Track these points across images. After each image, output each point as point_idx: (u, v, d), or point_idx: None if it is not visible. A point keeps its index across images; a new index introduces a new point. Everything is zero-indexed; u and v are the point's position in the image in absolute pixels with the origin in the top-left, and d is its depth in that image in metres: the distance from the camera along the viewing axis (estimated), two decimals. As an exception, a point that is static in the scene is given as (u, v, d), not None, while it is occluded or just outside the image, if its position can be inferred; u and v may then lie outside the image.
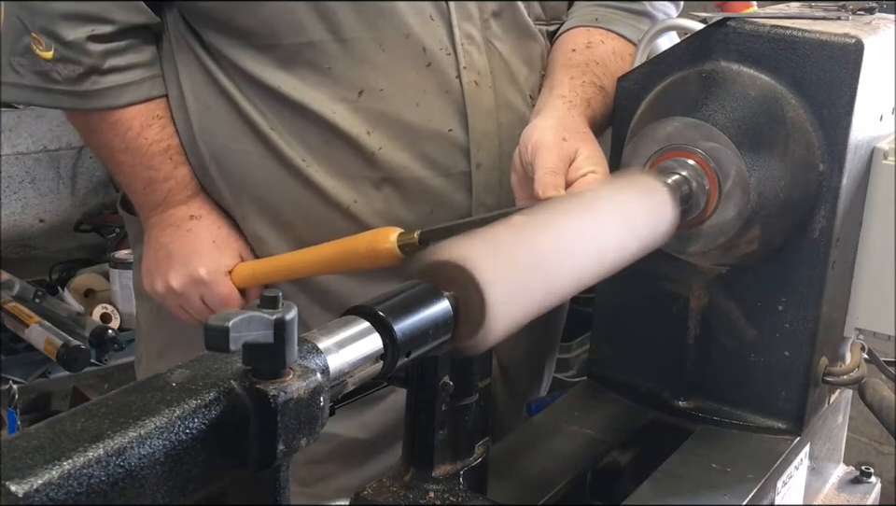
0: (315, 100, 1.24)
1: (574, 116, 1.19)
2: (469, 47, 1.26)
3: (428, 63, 1.24)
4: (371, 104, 1.24)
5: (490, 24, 1.28)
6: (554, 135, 1.15)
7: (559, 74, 1.28)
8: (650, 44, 1.24)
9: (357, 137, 1.24)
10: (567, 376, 2.93)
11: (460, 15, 1.25)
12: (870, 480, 1.34)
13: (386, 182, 1.26)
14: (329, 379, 0.68)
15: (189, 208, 1.33)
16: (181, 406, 0.60)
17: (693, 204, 1.02)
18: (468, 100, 1.26)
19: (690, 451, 1.09)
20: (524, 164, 1.16)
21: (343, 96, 1.24)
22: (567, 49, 1.32)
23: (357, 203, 1.26)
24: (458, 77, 1.25)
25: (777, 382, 1.13)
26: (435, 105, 1.25)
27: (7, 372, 2.71)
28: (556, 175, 1.10)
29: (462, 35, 1.25)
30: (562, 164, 1.12)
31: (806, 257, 1.09)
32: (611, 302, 1.23)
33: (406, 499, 0.89)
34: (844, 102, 1.04)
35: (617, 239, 0.91)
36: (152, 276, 1.35)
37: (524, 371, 1.46)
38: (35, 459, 0.53)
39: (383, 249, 1.17)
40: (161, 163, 1.31)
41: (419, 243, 1.16)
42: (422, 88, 1.24)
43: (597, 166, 1.13)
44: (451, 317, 0.76)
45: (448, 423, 0.90)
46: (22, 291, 2.84)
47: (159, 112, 1.30)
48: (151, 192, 1.32)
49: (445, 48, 1.25)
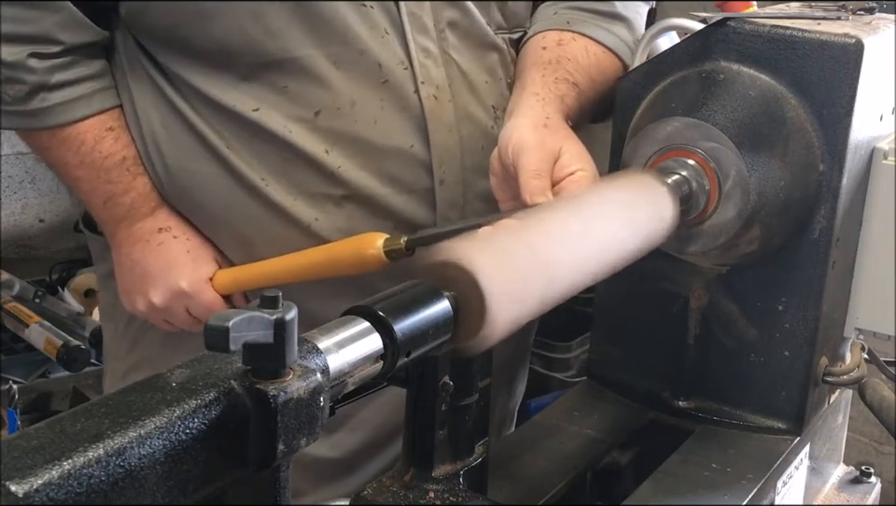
0: (271, 120, 1.21)
1: (550, 113, 1.17)
2: (426, 60, 1.23)
3: (385, 79, 1.21)
4: (329, 122, 1.21)
5: (446, 36, 1.25)
6: (534, 134, 1.12)
7: (530, 72, 1.26)
8: (650, 44, 1.24)
9: (316, 156, 1.22)
10: (566, 376, 2.93)
11: (415, 28, 1.22)
12: (870, 480, 1.34)
13: (348, 200, 1.24)
14: (329, 379, 0.68)
15: (155, 220, 1.30)
16: (181, 406, 0.60)
17: (692, 204, 1.02)
18: (427, 115, 1.23)
19: (690, 451, 1.09)
20: (504, 166, 1.14)
21: (299, 115, 1.21)
22: (538, 48, 1.29)
23: (319, 221, 1.24)
24: (416, 91, 1.23)
25: (777, 382, 1.13)
26: (394, 121, 1.23)
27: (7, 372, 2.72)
28: (542, 178, 1.08)
29: (418, 48, 1.23)
30: (546, 165, 1.10)
31: (806, 257, 1.09)
32: (611, 302, 1.23)
33: (406, 499, 0.89)
34: (844, 102, 1.04)
35: (617, 239, 0.91)
36: (131, 295, 1.32)
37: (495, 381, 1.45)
38: (35, 459, 0.53)
39: (368, 255, 1.15)
40: (119, 176, 1.27)
41: (406, 249, 1.14)
42: (380, 104, 1.22)
43: (583, 163, 1.11)
44: (451, 317, 0.76)
45: (448, 423, 0.90)
46: (22, 291, 2.85)
47: (111, 123, 1.27)
48: (113, 207, 1.29)
49: (402, 62, 1.22)
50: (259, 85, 1.21)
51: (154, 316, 1.32)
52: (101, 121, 1.26)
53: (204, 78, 1.22)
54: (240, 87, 1.21)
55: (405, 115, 1.23)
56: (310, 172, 1.22)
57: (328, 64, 1.20)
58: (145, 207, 1.29)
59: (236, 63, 1.21)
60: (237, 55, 1.20)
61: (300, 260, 1.22)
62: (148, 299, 1.30)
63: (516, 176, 1.10)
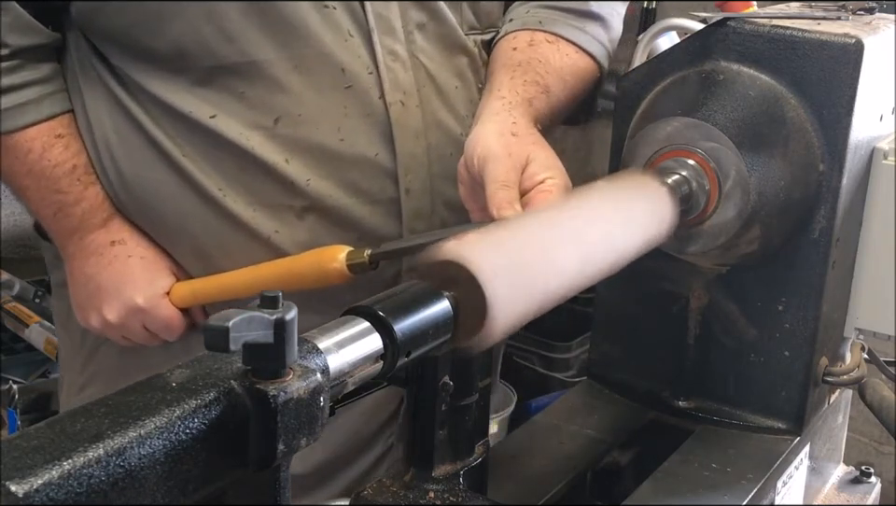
0: (228, 127, 1.16)
1: (516, 117, 1.12)
2: (393, 64, 1.18)
3: (349, 84, 1.16)
4: (289, 130, 1.16)
5: (415, 38, 1.20)
6: (500, 142, 1.08)
7: (499, 74, 1.21)
8: (650, 44, 1.24)
9: (275, 166, 1.17)
10: (566, 376, 2.93)
11: (381, 30, 1.17)
12: (870, 480, 1.34)
13: (310, 211, 1.19)
14: (329, 379, 0.68)
15: (108, 233, 1.24)
16: (181, 406, 0.60)
17: (692, 204, 1.02)
18: (393, 122, 1.18)
19: (690, 451, 1.09)
20: (471, 175, 1.09)
21: (258, 123, 1.16)
22: (508, 49, 1.24)
23: (280, 234, 1.19)
24: (382, 97, 1.17)
25: (777, 382, 1.13)
26: (358, 128, 1.17)
27: (7, 372, 2.72)
28: (509, 189, 1.03)
29: (384, 51, 1.17)
30: (513, 174, 1.05)
31: (806, 257, 1.09)
32: (611, 302, 1.23)
33: (406, 499, 0.89)
34: (844, 102, 1.04)
35: (617, 239, 0.91)
36: (85, 311, 1.27)
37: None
38: (35, 459, 0.53)
39: (330, 269, 1.11)
40: (69, 186, 1.22)
41: (370, 262, 1.11)
42: (343, 111, 1.16)
43: (553, 171, 1.07)
44: (451, 317, 0.76)
45: (448, 423, 0.90)
46: (22, 291, 2.85)
47: (60, 130, 1.21)
48: (63, 218, 1.23)
49: (367, 67, 1.17)
50: (215, 90, 1.16)
51: (109, 332, 1.27)
52: (50, 128, 1.20)
53: (159, 83, 1.17)
54: (196, 92, 1.16)
55: (370, 122, 1.18)
56: (269, 182, 1.18)
57: (287, 69, 1.15)
58: (97, 219, 1.24)
59: (192, 66, 1.15)
60: (192, 59, 1.15)
61: (260, 273, 1.18)
62: (102, 315, 1.25)
63: (483, 186, 1.06)
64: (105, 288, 1.24)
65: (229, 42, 1.13)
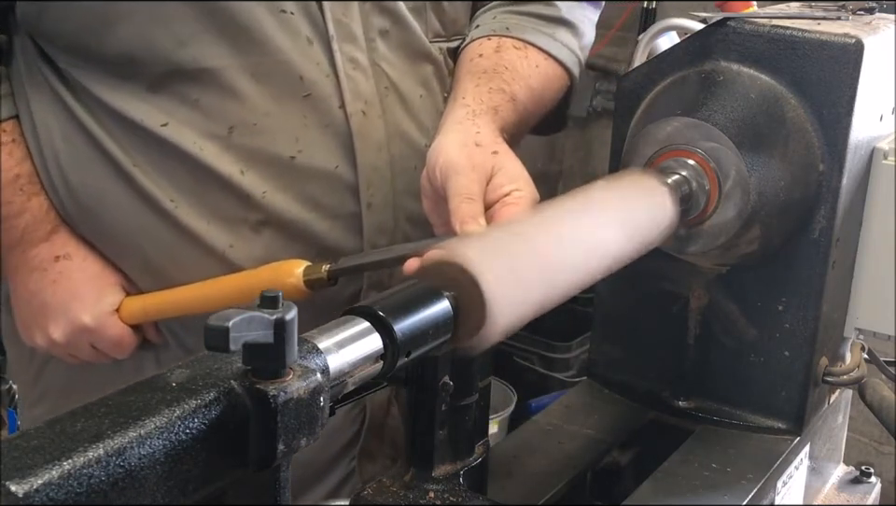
0: (181, 136, 1.10)
1: (481, 126, 1.07)
2: (354, 72, 1.12)
3: (307, 92, 1.10)
4: (245, 140, 1.10)
5: (377, 45, 1.14)
6: (462, 153, 1.02)
7: (463, 82, 1.16)
8: (650, 44, 1.24)
9: (230, 177, 1.11)
10: (567, 376, 2.94)
11: (341, 36, 1.11)
12: (870, 480, 1.34)
13: (266, 225, 1.13)
14: (329, 379, 0.68)
15: (52, 247, 1.17)
16: (181, 406, 0.60)
17: (693, 204, 1.02)
18: (354, 133, 1.12)
19: (690, 451, 1.09)
20: (434, 188, 1.04)
21: (212, 132, 1.10)
22: (474, 55, 1.19)
23: (234, 249, 1.13)
24: (342, 107, 1.12)
25: (777, 382, 1.13)
26: (317, 139, 1.12)
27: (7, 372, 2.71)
28: (472, 202, 0.98)
29: (345, 58, 1.12)
30: (477, 187, 1.00)
31: (806, 257, 1.09)
32: (611, 302, 1.23)
33: (406, 499, 0.89)
34: (844, 102, 1.04)
35: (617, 239, 0.91)
36: (30, 329, 1.21)
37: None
38: (35, 459, 0.53)
39: (287, 284, 1.06)
40: (11, 196, 1.14)
41: (328, 278, 1.06)
42: (301, 121, 1.11)
43: (520, 182, 1.02)
44: (451, 317, 0.76)
45: (448, 423, 0.90)
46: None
47: (3, 136, 1.14)
48: (5, 230, 1.16)
49: (326, 74, 1.11)
50: (167, 97, 1.10)
51: (56, 350, 1.21)
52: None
53: (109, 89, 1.11)
54: (147, 99, 1.10)
55: (329, 132, 1.12)
56: (224, 194, 1.12)
57: (243, 76, 1.09)
58: (40, 231, 1.17)
59: (142, 72, 1.09)
60: (143, 64, 1.09)
61: (214, 288, 1.12)
62: (48, 335, 1.19)
63: (446, 199, 1.00)
64: (51, 306, 1.18)
65: (180, 47, 1.08)
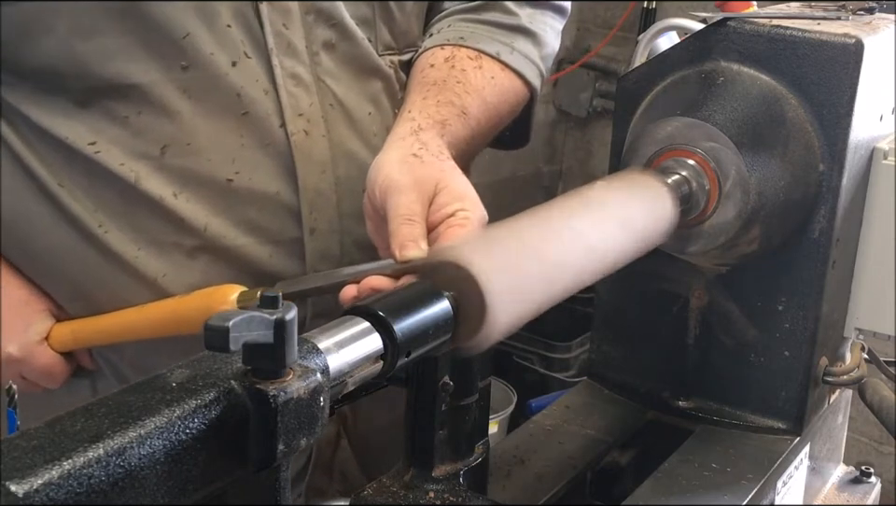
0: (109, 155, 1.03)
1: (425, 141, 1.00)
2: (295, 88, 1.06)
3: (245, 110, 1.04)
4: (178, 161, 1.03)
5: (321, 59, 1.08)
6: (402, 170, 0.96)
7: (412, 94, 1.10)
8: (650, 44, 1.24)
9: (162, 200, 1.04)
10: (567, 376, 2.94)
11: (282, 49, 1.04)
12: (870, 480, 1.34)
13: (202, 251, 1.06)
14: (329, 379, 0.68)
15: None
16: (181, 406, 0.60)
17: (693, 204, 1.02)
18: (296, 153, 1.06)
19: (690, 451, 1.09)
20: (375, 208, 0.98)
21: (142, 151, 1.03)
22: (425, 66, 1.13)
23: (168, 277, 1.06)
24: (283, 125, 1.05)
25: (777, 382, 1.13)
26: (256, 160, 1.05)
27: (7, 372, 2.71)
28: (413, 224, 0.92)
29: (285, 74, 1.05)
30: (418, 207, 0.93)
31: (806, 257, 1.09)
32: (611, 302, 1.23)
33: (406, 499, 0.89)
34: (844, 102, 1.04)
35: (616, 239, 0.91)
36: None
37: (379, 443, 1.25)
38: (35, 459, 0.53)
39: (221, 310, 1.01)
40: None
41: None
42: (238, 141, 1.04)
43: (465, 202, 0.95)
44: (451, 317, 0.76)
45: (448, 423, 0.90)
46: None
47: None
48: None
49: (265, 91, 1.04)
50: (95, 114, 1.03)
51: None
52: None
53: (33, 104, 1.04)
54: (74, 115, 1.03)
55: (269, 153, 1.06)
56: (156, 218, 1.05)
57: (175, 92, 1.02)
58: None
59: (67, 87, 1.02)
60: (67, 79, 1.01)
61: (146, 315, 1.06)
62: None
63: (386, 221, 0.94)
64: None
65: (107, 61, 1.00)
